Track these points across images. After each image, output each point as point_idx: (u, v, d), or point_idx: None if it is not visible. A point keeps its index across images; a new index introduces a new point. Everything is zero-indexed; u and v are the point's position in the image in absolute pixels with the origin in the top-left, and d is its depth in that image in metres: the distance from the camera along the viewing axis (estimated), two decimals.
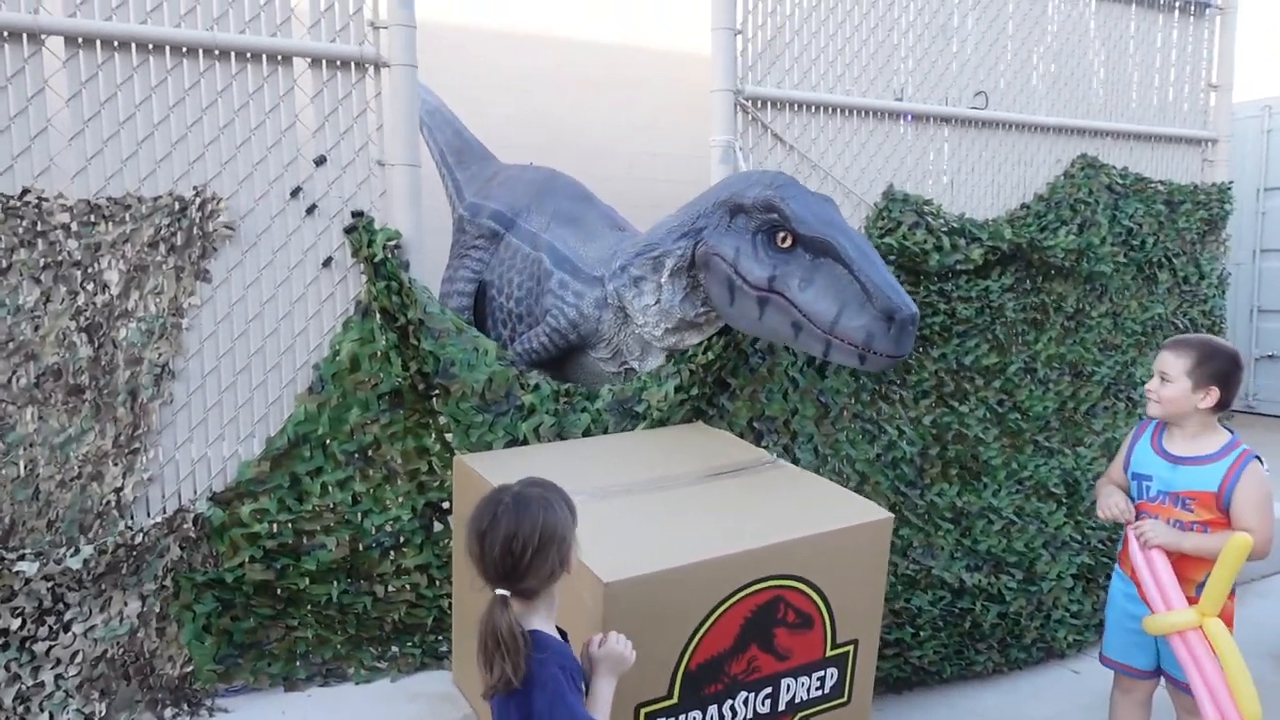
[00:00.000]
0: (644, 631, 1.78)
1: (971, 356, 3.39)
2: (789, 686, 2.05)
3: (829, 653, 2.09)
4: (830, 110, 3.18)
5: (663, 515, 2.04)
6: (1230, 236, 4.18)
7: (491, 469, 2.23)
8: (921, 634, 2.94)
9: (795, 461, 2.94)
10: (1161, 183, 3.92)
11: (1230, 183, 4.10)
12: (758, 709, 2.01)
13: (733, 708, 1.96)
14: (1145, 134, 3.89)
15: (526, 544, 1.44)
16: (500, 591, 1.45)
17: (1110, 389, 3.78)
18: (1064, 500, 3.48)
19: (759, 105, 3.01)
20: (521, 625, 1.45)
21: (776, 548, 1.96)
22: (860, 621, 2.14)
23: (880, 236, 3.17)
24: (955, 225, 3.33)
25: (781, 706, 2.05)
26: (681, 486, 2.19)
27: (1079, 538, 3.41)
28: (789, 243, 2.44)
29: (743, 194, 2.54)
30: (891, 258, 3.14)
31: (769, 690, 2.02)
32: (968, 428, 3.34)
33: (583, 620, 1.79)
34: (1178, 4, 3.94)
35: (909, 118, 3.33)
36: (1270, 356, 7.35)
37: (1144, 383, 3.87)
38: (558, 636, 1.53)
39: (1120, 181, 3.80)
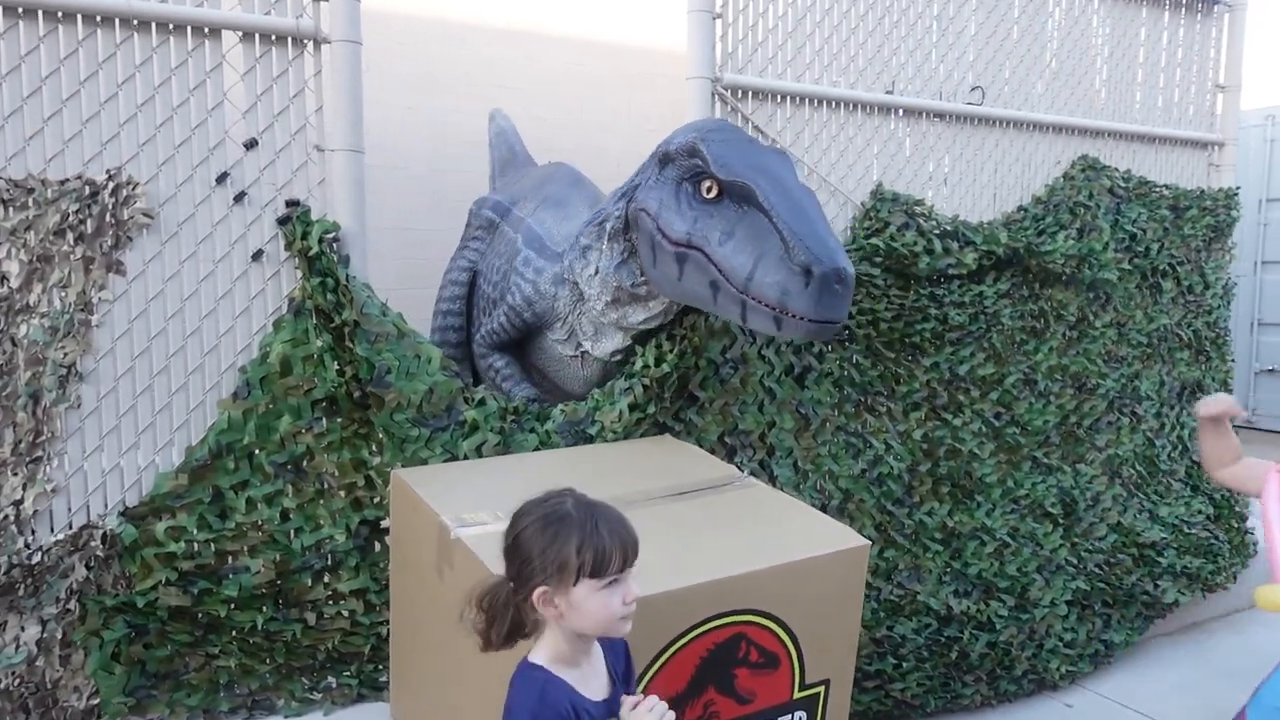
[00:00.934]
0: None
1: (966, 366, 3.18)
2: None
3: (797, 695, 1.88)
4: (816, 102, 2.97)
5: None
6: (1236, 245, 3.98)
7: (430, 486, 2.03)
8: (905, 665, 2.74)
9: (772, 478, 2.73)
10: (1166, 187, 3.72)
11: (1237, 188, 3.90)
12: None
13: None
14: (1149, 135, 3.69)
15: (507, 541, 1.40)
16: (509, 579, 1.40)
17: (1115, 403, 3.57)
18: (1060, 521, 3.27)
19: (738, 95, 2.81)
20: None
21: (738, 580, 1.75)
22: (832, 659, 1.93)
23: (867, 237, 2.97)
24: (948, 228, 3.12)
25: None
26: (636, 507, 1.97)
27: (1075, 561, 3.20)
28: (714, 192, 2.20)
29: (670, 141, 2.33)
30: (879, 259, 2.93)
31: None
32: (961, 442, 3.13)
33: (514, 661, 1.58)
34: (1184, 1, 3.74)
35: (899, 112, 3.13)
36: (1271, 371, 7.17)
37: (1149, 397, 3.70)
38: (557, 677, 1.40)
39: (1123, 185, 3.60)
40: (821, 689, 1.92)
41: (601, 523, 1.40)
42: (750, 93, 2.83)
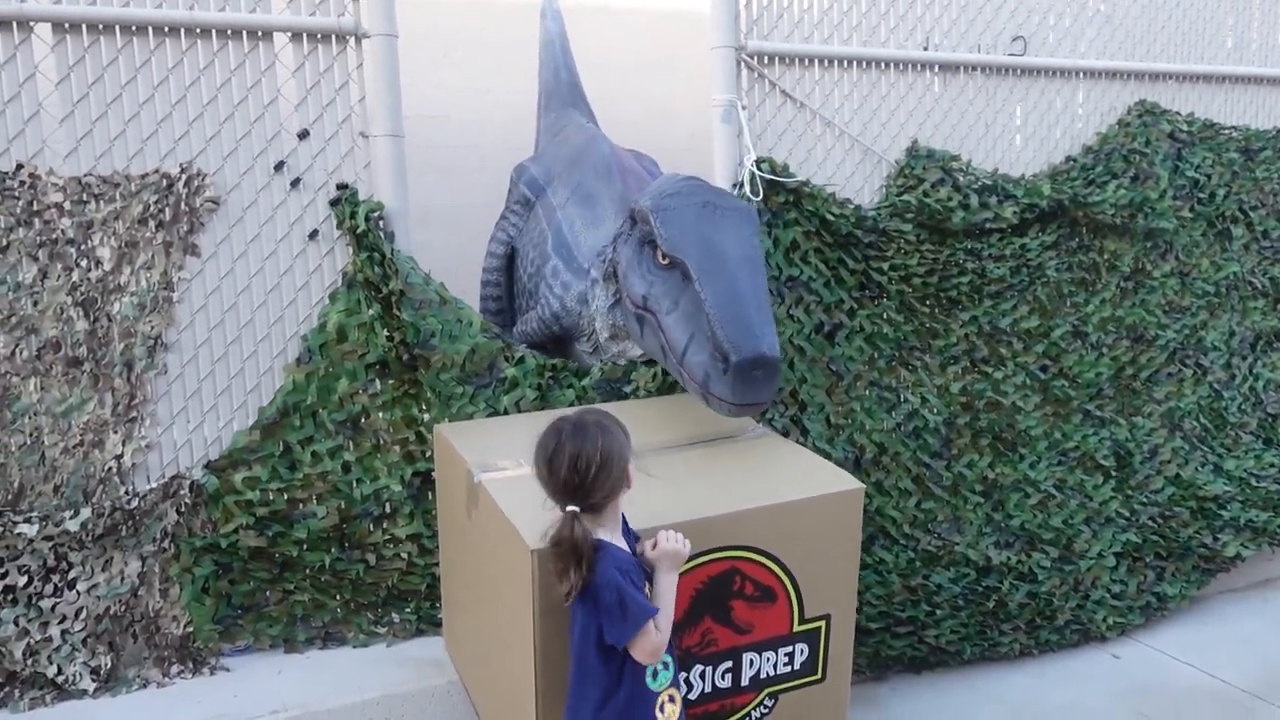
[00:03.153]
0: None
1: (1009, 319, 3.18)
2: (752, 661, 1.98)
3: (797, 628, 2.01)
4: (846, 63, 3.01)
5: None
6: None
7: (468, 440, 2.24)
8: (939, 612, 2.81)
9: (804, 433, 2.83)
10: (1235, 129, 3.58)
11: None
12: (717, 683, 1.96)
13: (688, 680, 1.91)
14: (1215, 75, 3.55)
15: (590, 463, 1.59)
16: (571, 508, 1.60)
17: (1176, 354, 3.49)
18: (1113, 473, 3.24)
19: (764, 61, 2.88)
20: (591, 535, 1.60)
21: (729, 517, 1.89)
22: (832, 596, 2.04)
23: (899, 194, 3.01)
24: (987, 182, 3.12)
25: (745, 681, 1.98)
26: (645, 455, 2.12)
27: (1127, 514, 3.18)
28: (668, 260, 2.22)
29: (638, 200, 2.36)
30: (909, 215, 2.97)
31: (729, 664, 1.95)
32: (1003, 395, 3.14)
33: (518, 592, 1.77)
34: None
35: (936, 67, 3.13)
36: None
37: (1216, 348, 3.59)
38: (620, 545, 1.66)
39: (1185, 129, 3.48)
40: (822, 624, 2.04)
41: (597, 413, 1.72)
42: (777, 58, 2.91)
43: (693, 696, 1.92)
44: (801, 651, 2.04)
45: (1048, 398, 3.24)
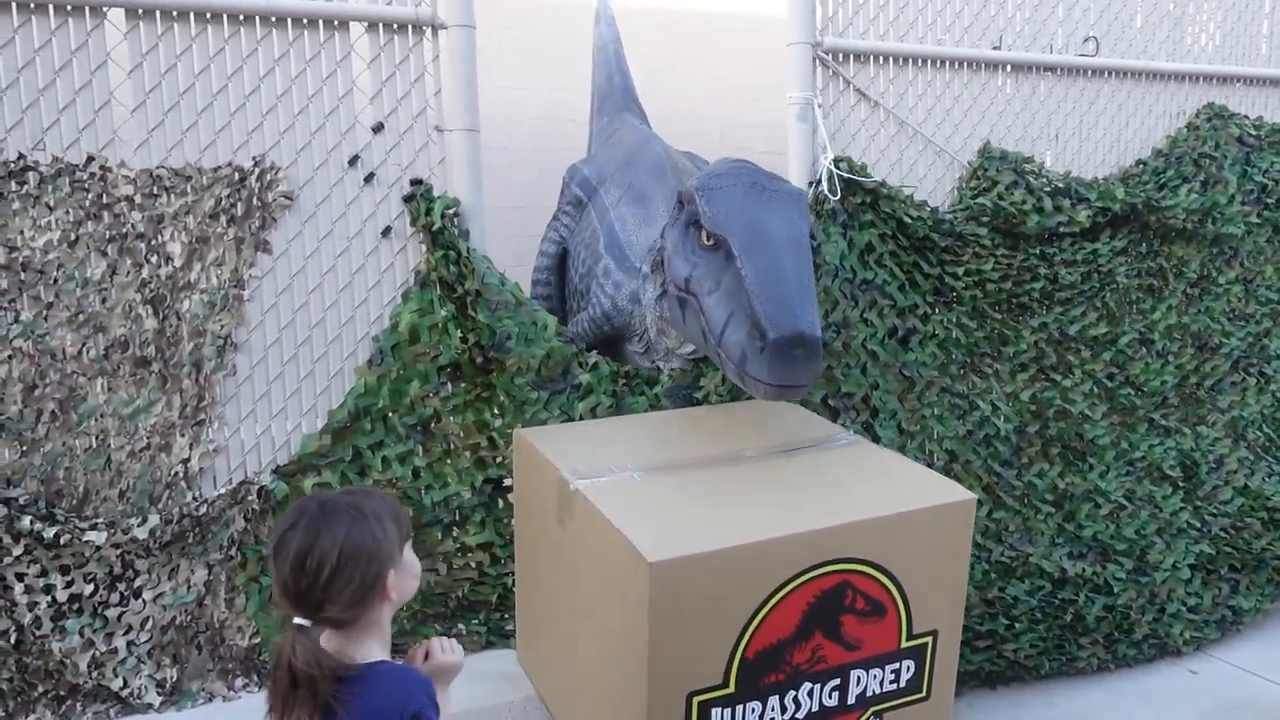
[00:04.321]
0: (695, 616, 1.67)
1: (1077, 326, 3.11)
2: (859, 679, 1.90)
3: (904, 644, 1.94)
4: (919, 62, 2.95)
5: (720, 493, 1.92)
6: None
7: (551, 444, 2.16)
8: (1017, 626, 2.74)
9: (876, 439, 2.76)
10: None
11: None
12: (824, 701, 1.88)
13: (796, 699, 1.83)
14: None
15: (323, 562, 1.26)
16: (298, 620, 1.26)
17: (1240, 363, 3.43)
18: (1181, 484, 3.18)
19: (839, 59, 2.82)
20: (329, 657, 1.27)
21: (842, 529, 1.81)
22: (940, 611, 1.97)
23: (974, 197, 2.94)
24: (1059, 185, 3.06)
25: (851, 700, 1.91)
26: (744, 463, 2.06)
27: (1198, 524, 3.11)
28: (712, 241, 2.15)
29: (686, 182, 2.30)
30: (985, 219, 2.90)
31: (837, 682, 1.88)
32: (1072, 403, 3.08)
33: (627, 604, 1.69)
34: None
35: (1008, 68, 3.07)
36: None
37: (1278, 357, 3.53)
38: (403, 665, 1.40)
39: (1253, 133, 3.42)
40: (930, 639, 1.97)
41: (363, 495, 1.38)
42: (852, 56, 2.84)
43: (800, 716, 1.84)
44: (908, 669, 1.96)
45: (1114, 406, 3.18)
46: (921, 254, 2.87)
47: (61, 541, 2.10)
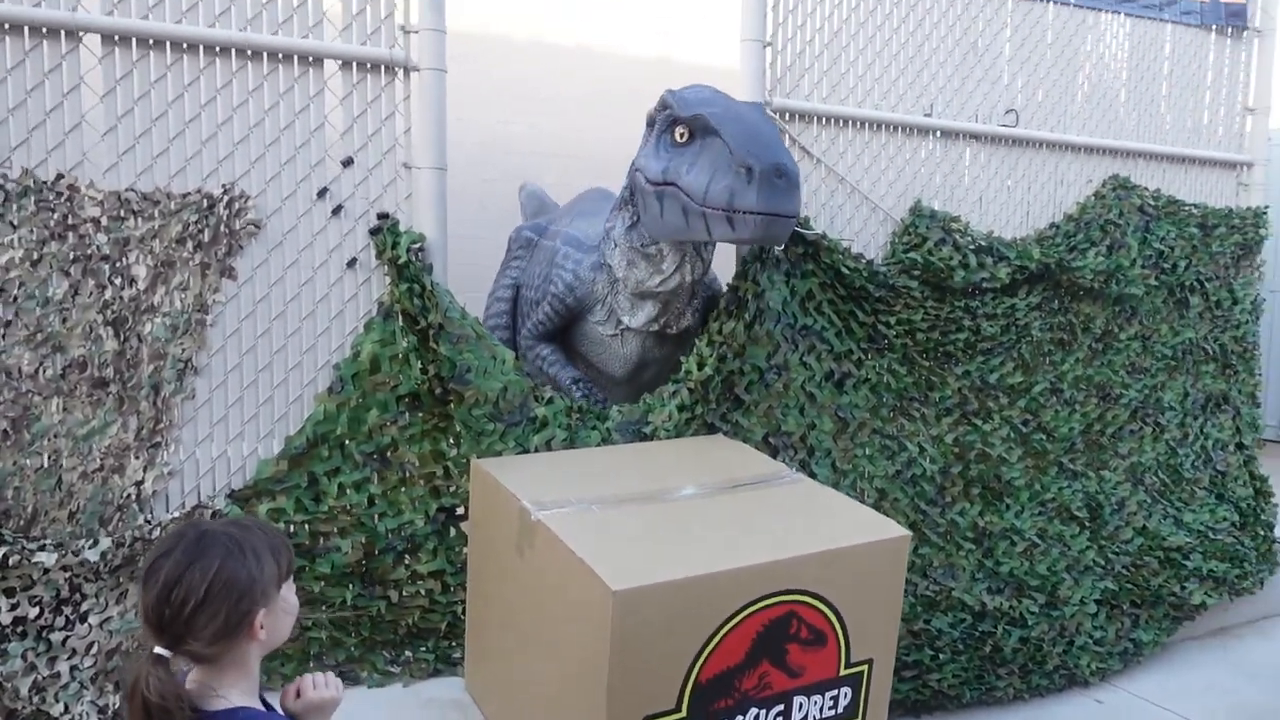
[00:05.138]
0: (653, 643, 1.76)
1: (996, 375, 3.34)
2: (801, 705, 2.02)
3: (843, 671, 2.06)
4: (858, 124, 3.16)
5: (676, 525, 2.02)
6: (1265, 262, 4.11)
7: (511, 475, 2.23)
8: (941, 656, 2.90)
9: (812, 477, 2.91)
10: (1195, 206, 3.86)
11: (1266, 207, 4.03)
12: None
13: None
14: (1179, 156, 3.84)
15: (189, 595, 1.21)
16: (157, 650, 1.21)
17: (1138, 412, 3.72)
18: (1087, 524, 3.42)
19: (787, 118, 3.00)
20: (186, 692, 1.24)
21: (791, 561, 1.93)
22: (875, 641, 2.10)
23: (905, 251, 3.15)
24: (983, 243, 3.29)
25: None
26: (697, 498, 2.18)
27: (1102, 562, 3.35)
28: (685, 136, 2.47)
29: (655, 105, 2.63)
30: (915, 273, 3.11)
31: (780, 707, 1.99)
32: (991, 446, 3.29)
33: (588, 631, 1.77)
34: (1214, 26, 3.89)
35: (937, 133, 3.31)
36: None
37: (1172, 408, 3.83)
38: (265, 709, 1.35)
39: (1152, 203, 3.75)
40: (865, 667, 2.10)
41: (244, 528, 1.34)
42: (798, 115, 3.03)
43: None
44: (845, 695, 2.08)
45: (1029, 450, 3.41)
46: (857, 303, 3.06)
47: (10, 563, 2.07)
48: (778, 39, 2.97)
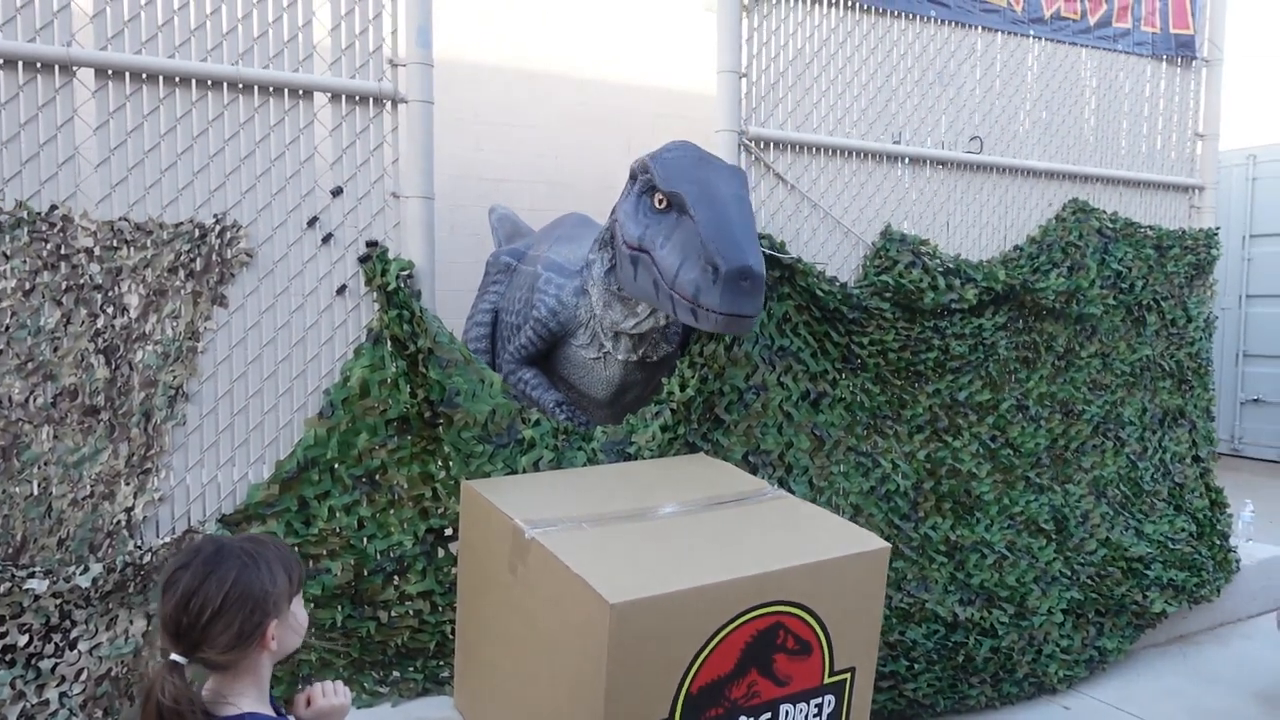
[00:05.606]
0: (648, 654, 1.82)
1: (965, 392, 3.46)
2: (787, 713, 2.08)
3: (827, 680, 2.13)
4: (830, 151, 3.27)
5: (666, 541, 2.09)
6: (1217, 281, 4.28)
7: (501, 495, 2.28)
8: (916, 666, 2.99)
9: (790, 494, 2.99)
10: (1150, 228, 4.03)
11: (1217, 228, 4.21)
12: None
13: None
14: (1134, 180, 4.00)
15: (206, 605, 1.28)
16: (174, 657, 1.28)
17: (1099, 427, 3.85)
18: (1053, 536, 3.53)
19: (762, 146, 3.10)
20: (199, 698, 1.29)
21: (778, 574, 2.01)
22: (857, 650, 2.18)
23: (877, 274, 3.26)
24: (951, 265, 3.41)
25: None
26: (684, 514, 2.24)
27: (1068, 573, 3.46)
28: (664, 204, 2.53)
29: (638, 159, 2.68)
30: (887, 294, 3.22)
31: (768, 715, 2.05)
32: (961, 462, 3.40)
33: (585, 644, 1.83)
34: (1166, 55, 4.07)
35: (905, 159, 3.43)
36: (1256, 400, 7.48)
37: (1132, 423, 3.98)
38: (276, 716, 1.41)
39: (1110, 226, 3.90)
40: (848, 676, 2.17)
41: (259, 543, 1.41)
42: (772, 144, 3.13)
43: None
44: (829, 703, 2.15)
45: (997, 465, 3.52)
46: (832, 324, 3.16)
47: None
48: (752, 70, 3.08)
